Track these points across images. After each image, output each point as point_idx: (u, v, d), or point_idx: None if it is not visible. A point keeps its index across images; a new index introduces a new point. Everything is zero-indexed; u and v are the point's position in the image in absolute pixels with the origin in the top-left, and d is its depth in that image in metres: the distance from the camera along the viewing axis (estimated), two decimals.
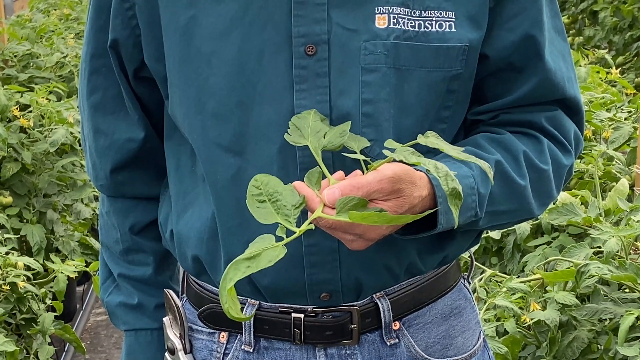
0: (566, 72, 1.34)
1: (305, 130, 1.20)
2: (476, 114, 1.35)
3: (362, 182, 1.14)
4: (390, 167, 1.16)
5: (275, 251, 1.11)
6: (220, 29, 1.25)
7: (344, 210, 1.12)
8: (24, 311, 2.87)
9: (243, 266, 1.10)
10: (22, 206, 3.57)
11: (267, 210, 1.14)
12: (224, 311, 1.10)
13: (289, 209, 1.14)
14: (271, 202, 1.15)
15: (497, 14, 1.28)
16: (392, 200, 1.15)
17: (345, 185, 1.14)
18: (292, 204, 1.15)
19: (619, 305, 2.01)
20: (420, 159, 1.14)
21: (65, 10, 6.76)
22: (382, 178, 1.14)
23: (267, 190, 1.16)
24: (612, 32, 6.48)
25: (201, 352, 1.38)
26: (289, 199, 1.15)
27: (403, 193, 1.16)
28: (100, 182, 1.45)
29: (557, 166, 1.34)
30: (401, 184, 1.15)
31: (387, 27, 1.23)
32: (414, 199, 1.17)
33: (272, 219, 1.14)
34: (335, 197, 1.13)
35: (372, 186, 1.14)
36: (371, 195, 1.14)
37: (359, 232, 1.16)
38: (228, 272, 1.10)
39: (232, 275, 1.09)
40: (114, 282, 1.50)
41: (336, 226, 1.15)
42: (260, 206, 1.15)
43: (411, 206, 1.17)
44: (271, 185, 1.16)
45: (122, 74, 1.37)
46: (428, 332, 1.36)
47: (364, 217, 1.10)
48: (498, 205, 1.28)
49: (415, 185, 1.17)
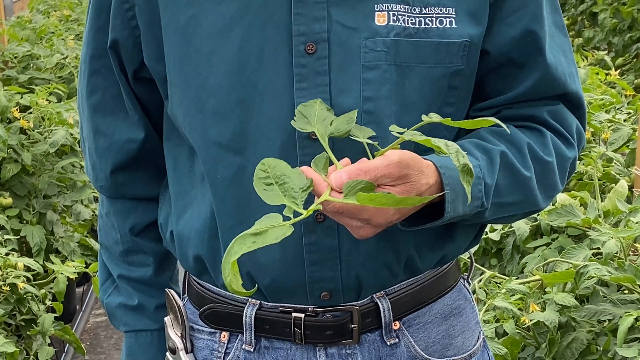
0: (567, 67, 1.34)
1: (312, 117, 1.20)
2: (478, 110, 1.35)
3: (370, 166, 1.14)
4: (397, 152, 1.16)
5: (282, 229, 1.10)
6: (220, 28, 1.25)
7: (352, 193, 1.11)
8: (23, 312, 2.87)
9: (249, 241, 1.09)
10: (22, 207, 3.56)
11: (274, 193, 1.13)
12: (226, 285, 1.09)
13: (296, 192, 1.14)
14: (278, 184, 1.14)
15: (497, 10, 1.28)
16: (400, 186, 1.15)
17: (353, 169, 1.14)
18: (300, 187, 1.14)
19: (618, 307, 2.01)
20: (429, 138, 1.14)
21: (65, 12, 6.77)
22: (390, 163, 1.14)
23: (274, 173, 1.15)
24: (612, 33, 6.48)
25: (202, 351, 1.38)
26: (296, 181, 1.14)
27: (410, 179, 1.15)
28: (100, 183, 1.45)
29: (561, 158, 1.34)
30: (408, 169, 1.15)
31: (386, 24, 1.23)
32: (422, 185, 1.16)
33: (279, 201, 1.13)
34: (343, 181, 1.13)
35: (379, 170, 1.14)
36: (379, 180, 1.14)
37: (366, 216, 1.16)
38: (233, 245, 1.08)
39: (238, 249, 1.08)
40: (113, 283, 1.50)
41: (343, 210, 1.14)
42: (268, 188, 1.14)
43: (418, 193, 1.16)
44: (279, 168, 1.15)
45: (122, 75, 1.37)
46: (428, 332, 1.36)
47: (372, 198, 1.09)
48: (504, 196, 1.28)
49: (422, 172, 1.17)
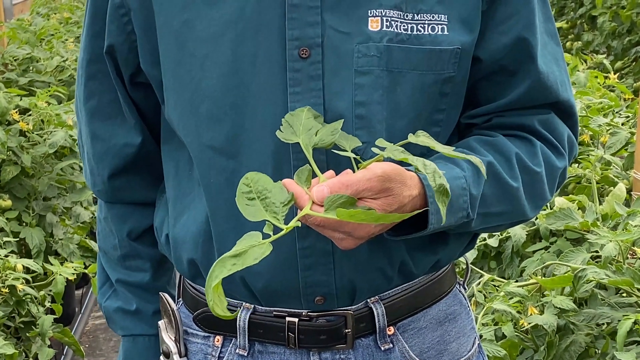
0: (559, 75, 1.34)
1: (297, 127, 1.20)
2: (470, 117, 1.35)
3: (351, 180, 1.14)
4: (380, 165, 1.16)
5: (262, 248, 1.10)
6: (214, 32, 1.25)
7: (332, 207, 1.12)
8: (23, 314, 2.87)
9: (229, 264, 1.09)
10: (22, 209, 3.56)
11: (256, 208, 1.14)
12: (210, 308, 1.09)
13: (277, 206, 1.14)
14: (260, 199, 1.14)
15: (489, 17, 1.28)
16: (382, 199, 1.15)
17: (334, 183, 1.14)
18: (281, 202, 1.14)
19: (617, 310, 2.01)
20: (407, 156, 1.14)
21: (65, 14, 6.78)
22: (372, 177, 1.14)
23: (256, 187, 1.15)
24: (611, 37, 6.48)
25: (196, 355, 1.38)
26: (277, 196, 1.15)
27: (392, 192, 1.15)
28: (98, 188, 1.46)
29: (550, 169, 1.34)
30: (391, 182, 1.15)
31: (380, 29, 1.23)
32: (404, 198, 1.16)
33: (261, 216, 1.13)
34: (324, 195, 1.13)
35: (361, 184, 1.14)
36: (360, 194, 1.14)
37: (347, 229, 1.16)
38: (214, 269, 1.09)
39: (218, 273, 1.09)
40: (111, 287, 1.50)
41: (324, 224, 1.15)
42: (250, 204, 1.14)
43: (401, 205, 1.16)
44: (261, 183, 1.15)
45: (119, 79, 1.37)
46: (422, 337, 1.36)
47: (352, 214, 1.10)
48: (490, 206, 1.28)
49: (405, 184, 1.17)
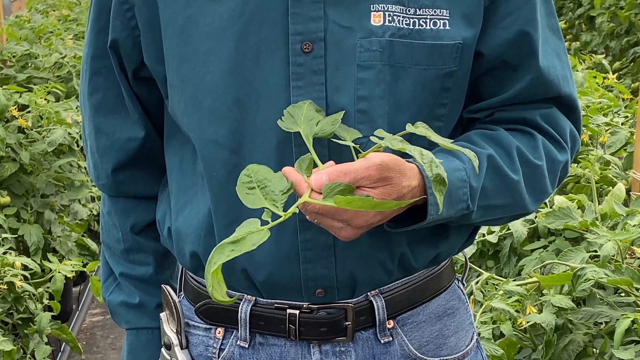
0: (561, 70, 1.35)
1: (299, 117, 1.21)
2: (472, 112, 1.35)
3: (350, 168, 1.15)
4: (378, 155, 1.17)
5: (260, 234, 1.11)
6: (217, 27, 1.25)
7: (331, 195, 1.13)
8: (21, 311, 2.87)
9: (227, 250, 1.11)
10: (20, 206, 3.56)
11: (255, 196, 1.16)
12: (209, 294, 1.10)
13: (276, 194, 1.16)
14: (260, 188, 1.16)
15: (491, 13, 1.28)
16: (380, 188, 1.16)
17: (333, 171, 1.15)
18: (280, 190, 1.16)
19: (615, 309, 2.01)
20: (405, 145, 1.15)
21: (64, 11, 6.77)
22: (370, 165, 1.15)
23: (257, 177, 1.17)
24: (609, 37, 6.48)
25: (197, 347, 1.39)
26: (277, 184, 1.16)
27: (391, 181, 1.16)
28: (102, 182, 1.46)
29: (552, 162, 1.35)
30: (389, 172, 1.16)
31: (382, 24, 1.24)
32: (403, 188, 1.17)
33: (260, 204, 1.15)
34: (323, 182, 1.14)
35: (359, 172, 1.15)
36: (358, 182, 1.15)
37: (345, 218, 1.17)
38: (213, 255, 1.11)
39: (217, 259, 1.10)
40: (115, 281, 1.51)
41: (322, 211, 1.16)
42: (250, 192, 1.16)
43: (399, 195, 1.17)
44: (261, 173, 1.17)
45: (122, 74, 1.37)
46: (421, 331, 1.37)
47: (349, 201, 1.11)
48: (491, 199, 1.29)
49: (404, 175, 1.18)
